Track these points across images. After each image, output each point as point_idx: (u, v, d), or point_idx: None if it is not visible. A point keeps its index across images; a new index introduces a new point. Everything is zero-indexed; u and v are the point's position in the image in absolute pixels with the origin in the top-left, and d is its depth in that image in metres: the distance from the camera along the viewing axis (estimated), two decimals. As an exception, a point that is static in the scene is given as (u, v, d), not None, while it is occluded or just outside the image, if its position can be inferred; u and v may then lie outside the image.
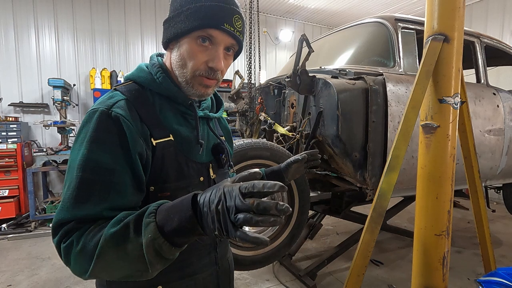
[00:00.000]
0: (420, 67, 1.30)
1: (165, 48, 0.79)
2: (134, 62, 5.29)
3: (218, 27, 0.70)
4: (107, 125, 0.64)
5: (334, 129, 1.95)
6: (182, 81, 0.75)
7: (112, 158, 0.63)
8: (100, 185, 0.61)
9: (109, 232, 0.54)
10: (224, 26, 0.70)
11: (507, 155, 2.75)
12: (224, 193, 0.48)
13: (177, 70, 0.75)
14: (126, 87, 0.74)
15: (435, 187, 1.27)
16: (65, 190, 0.62)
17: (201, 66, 0.72)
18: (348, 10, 6.24)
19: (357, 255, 1.35)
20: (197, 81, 0.74)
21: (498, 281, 1.47)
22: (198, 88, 0.75)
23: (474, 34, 2.71)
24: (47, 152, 4.01)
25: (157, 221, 0.52)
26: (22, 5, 4.52)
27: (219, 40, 0.72)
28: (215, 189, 0.51)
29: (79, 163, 0.62)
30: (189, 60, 0.73)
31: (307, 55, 2.01)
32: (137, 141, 0.66)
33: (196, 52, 0.72)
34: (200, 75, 0.73)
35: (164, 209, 0.54)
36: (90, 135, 0.64)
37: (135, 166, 0.66)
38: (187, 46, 0.72)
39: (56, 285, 2.51)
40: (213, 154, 0.85)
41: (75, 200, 0.60)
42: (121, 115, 0.66)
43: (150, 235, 0.51)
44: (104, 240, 0.54)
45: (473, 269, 2.74)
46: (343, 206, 2.70)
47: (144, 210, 0.56)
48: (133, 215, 0.56)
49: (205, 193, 0.52)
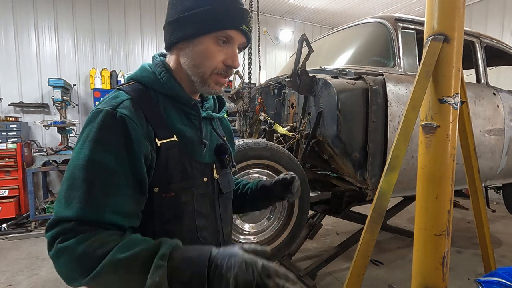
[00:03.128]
0: (420, 67, 1.30)
1: (169, 48, 0.79)
2: (134, 62, 5.29)
3: (237, 28, 0.73)
4: (112, 125, 0.64)
5: (334, 129, 1.95)
6: (197, 80, 0.76)
7: (115, 160, 0.63)
8: (101, 186, 0.61)
9: (115, 257, 0.54)
10: (242, 27, 0.74)
11: (507, 155, 2.75)
12: (245, 263, 0.49)
13: (190, 69, 0.75)
14: (130, 86, 0.74)
15: (435, 187, 1.27)
16: (65, 187, 0.62)
17: (219, 65, 0.74)
18: (348, 10, 6.24)
19: (357, 255, 1.35)
20: (214, 79, 0.76)
21: (498, 281, 1.47)
22: (213, 87, 0.77)
23: (474, 34, 2.71)
24: (47, 152, 4.01)
25: (169, 267, 0.52)
26: (22, 5, 4.51)
27: (236, 40, 0.75)
28: (232, 255, 0.51)
29: (82, 163, 0.62)
30: (206, 59, 0.74)
31: (307, 55, 2.01)
32: (142, 142, 0.66)
33: (215, 52, 0.73)
34: (217, 73, 0.75)
35: (178, 257, 0.54)
36: (93, 134, 0.63)
37: (139, 168, 0.65)
38: (205, 46, 0.73)
39: (56, 285, 2.50)
40: (216, 154, 0.85)
41: (73, 199, 0.60)
42: (127, 116, 0.65)
43: (157, 279, 0.51)
44: (109, 262, 0.54)
45: (473, 269, 2.73)
46: (343, 206, 2.70)
47: (157, 246, 0.56)
48: (144, 247, 0.56)
49: (222, 255, 0.52)
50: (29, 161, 4.17)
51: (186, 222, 0.75)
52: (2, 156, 3.88)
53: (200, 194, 0.77)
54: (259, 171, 1.96)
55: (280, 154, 1.93)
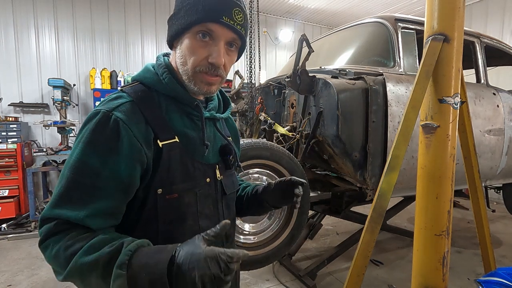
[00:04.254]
0: (420, 67, 1.30)
1: (170, 47, 0.79)
2: (134, 62, 5.29)
3: (216, 21, 0.68)
4: (104, 128, 0.64)
5: (334, 129, 1.95)
6: (185, 78, 0.74)
7: (101, 162, 0.63)
8: (83, 187, 0.62)
9: (79, 261, 0.56)
10: (223, 19, 0.68)
11: (507, 155, 2.75)
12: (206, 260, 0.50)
13: (180, 68, 0.74)
14: (133, 88, 0.74)
15: (435, 187, 1.27)
16: (56, 186, 0.64)
17: (201, 62, 0.71)
18: (348, 10, 6.24)
19: (357, 255, 1.35)
20: (198, 78, 0.72)
21: (498, 281, 1.47)
22: (200, 86, 0.73)
23: (474, 34, 2.71)
24: (47, 152, 4.01)
25: (128, 275, 0.52)
26: (22, 5, 4.51)
27: (219, 35, 0.70)
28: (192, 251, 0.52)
29: (71, 163, 0.63)
30: (189, 56, 0.71)
31: (307, 55, 2.01)
32: (134, 146, 0.66)
33: (196, 47, 0.70)
34: (200, 71, 0.72)
35: (137, 263, 0.53)
36: (86, 136, 0.64)
37: (126, 172, 0.65)
38: (187, 42, 0.71)
39: (56, 285, 2.50)
40: (221, 155, 0.85)
41: (59, 199, 0.62)
42: (121, 119, 0.65)
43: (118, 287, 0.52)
44: (74, 266, 0.56)
45: (473, 269, 2.74)
46: (343, 206, 2.70)
47: (118, 249, 0.55)
48: (107, 250, 0.56)
49: (182, 253, 0.52)
50: (29, 161, 4.17)
51: (190, 223, 0.74)
52: (2, 156, 3.88)
53: (203, 195, 0.77)
54: (259, 171, 1.96)
55: (280, 154, 1.93)
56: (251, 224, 1.94)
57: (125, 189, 0.66)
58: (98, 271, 0.55)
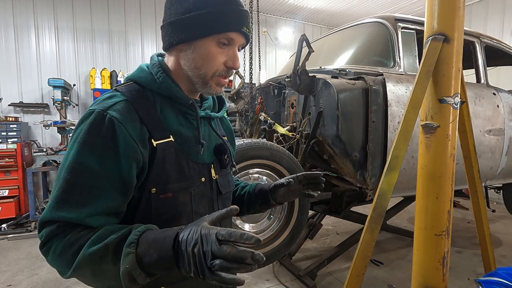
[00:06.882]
0: (420, 67, 1.30)
1: (168, 49, 0.78)
2: (134, 62, 5.29)
3: (239, 31, 0.74)
4: (100, 127, 0.64)
5: (334, 129, 1.95)
6: (198, 81, 0.76)
7: (98, 162, 0.63)
8: (82, 188, 0.62)
9: (88, 251, 0.57)
10: (243, 29, 0.75)
11: (507, 155, 2.75)
12: (201, 237, 0.51)
13: (191, 71, 0.75)
14: (127, 87, 0.74)
15: (435, 187, 1.27)
16: (53, 189, 0.64)
17: (220, 67, 0.75)
18: (348, 10, 6.24)
19: (357, 255, 1.35)
20: (215, 81, 0.76)
21: (498, 281, 1.47)
22: (214, 88, 0.77)
23: (474, 34, 2.71)
24: (47, 152, 4.01)
25: (137, 253, 0.54)
26: (22, 5, 4.52)
27: (237, 42, 0.75)
28: (193, 229, 0.53)
29: (67, 164, 0.63)
30: (207, 62, 0.74)
31: (307, 55, 2.01)
32: (130, 145, 0.66)
33: (216, 54, 0.74)
34: (218, 75, 0.76)
35: (145, 241, 0.56)
36: (81, 136, 0.64)
37: (124, 171, 0.65)
38: (206, 49, 0.73)
39: (56, 285, 2.50)
40: (216, 154, 0.85)
41: (58, 201, 0.61)
42: (116, 118, 0.65)
43: (127, 265, 0.54)
44: (83, 257, 0.57)
45: (473, 269, 2.74)
46: (343, 206, 2.70)
47: (126, 233, 0.58)
48: (114, 236, 0.57)
49: (185, 231, 0.54)
50: (29, 161, 4.17)
51: (185, 223, 0.74)
52: (2, 156, 3.88)
53: (198, 194, 0.77)
54: (259, 171, 1.97)
55: (280, 154, 1.93)
56: (251, 224, 1.94)
57: (123, 188, 0.66)
58: (108, 256, 0.56)
